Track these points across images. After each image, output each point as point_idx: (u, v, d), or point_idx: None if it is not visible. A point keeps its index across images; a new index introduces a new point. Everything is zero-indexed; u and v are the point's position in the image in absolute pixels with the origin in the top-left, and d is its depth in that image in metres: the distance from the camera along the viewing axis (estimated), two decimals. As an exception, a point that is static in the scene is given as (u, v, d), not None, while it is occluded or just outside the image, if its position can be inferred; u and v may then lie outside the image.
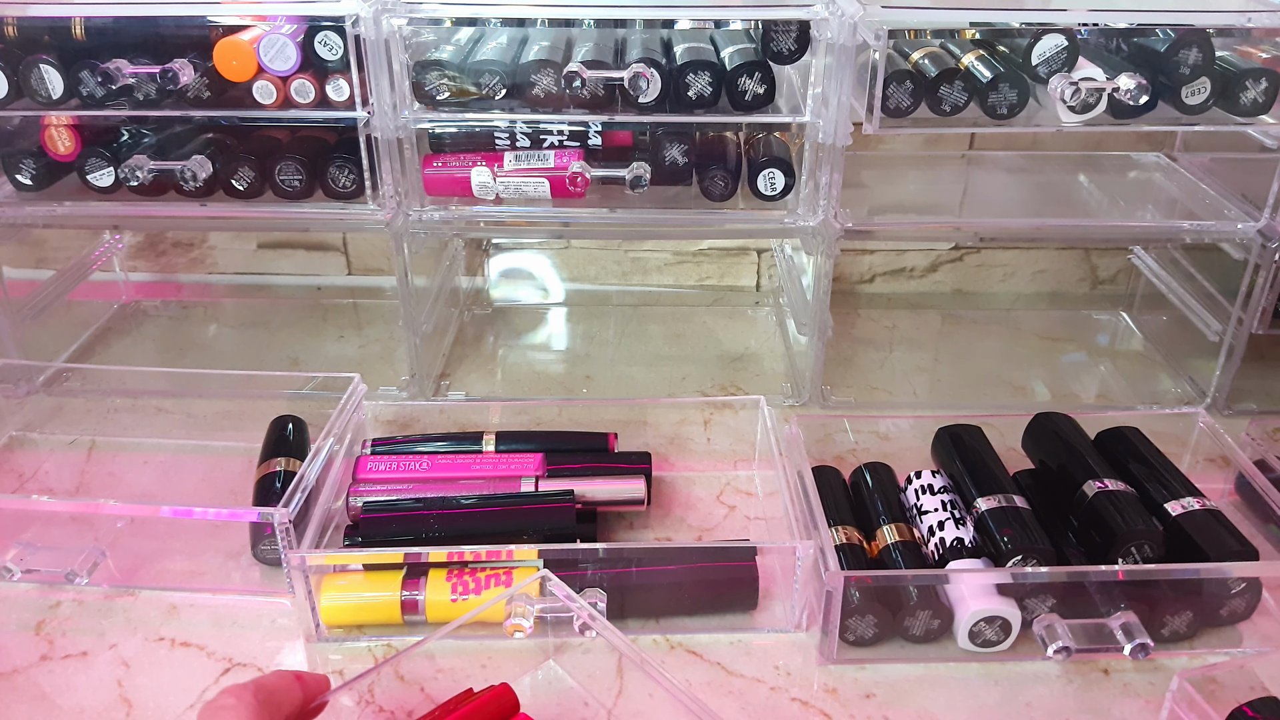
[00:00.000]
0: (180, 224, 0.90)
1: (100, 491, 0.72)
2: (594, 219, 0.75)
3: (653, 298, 1.01)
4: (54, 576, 0.62)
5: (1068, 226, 0.81)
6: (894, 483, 0.67)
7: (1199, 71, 0.67)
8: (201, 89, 0.69)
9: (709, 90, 0.69)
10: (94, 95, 0.69)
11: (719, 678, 0.56)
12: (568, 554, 0.58)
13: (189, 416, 0.80)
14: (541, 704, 0.55)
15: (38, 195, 0.76)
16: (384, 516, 0.63)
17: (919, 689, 0.56)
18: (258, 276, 1.02)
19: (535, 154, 0.73)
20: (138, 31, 0.70)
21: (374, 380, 0.82)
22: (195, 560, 0.64)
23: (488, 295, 1.01)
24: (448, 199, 0.75)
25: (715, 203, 0.74)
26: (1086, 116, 0.68)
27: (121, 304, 0.98)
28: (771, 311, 0.98)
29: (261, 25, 0.68)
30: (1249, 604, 0.59)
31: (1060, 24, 0.66)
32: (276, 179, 0.73)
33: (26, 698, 0.55)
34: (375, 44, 0.67)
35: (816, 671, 0.57)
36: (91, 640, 0.59)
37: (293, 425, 0.72)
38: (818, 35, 0.68)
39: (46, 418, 0.80)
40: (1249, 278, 0.75)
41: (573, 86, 0.67)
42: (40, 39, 0.70)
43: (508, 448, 0.70)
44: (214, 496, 0.71)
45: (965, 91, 0.68)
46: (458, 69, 0.70)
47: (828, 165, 0.71)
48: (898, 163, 0.93)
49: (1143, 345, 0.93)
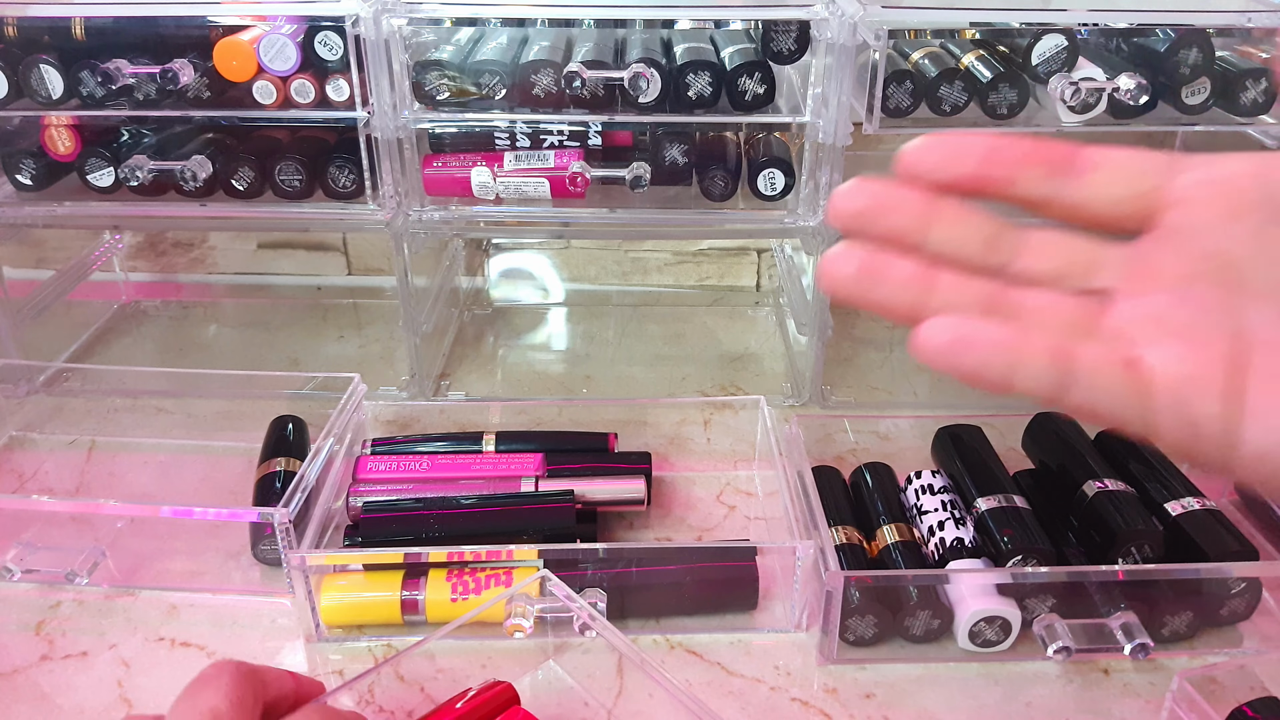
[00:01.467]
0: (180, 224, 0.90)
1: (100, 491, 0.72)
2: (594, 219, 0.75)
3: (653, 298, 1.01)
4: (54, 576, 0.62)
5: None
6: (894, 483, 0.67)
7: (1199, 71, 0.67)
8: (201, 89, 0.69)
9: (709, 90, 0.69)
10: (94, 95, 0.69)
11: (719, 678, 0.56)
12: (568, 554, 0.58)
13: (189, 416, 0.80)
14: (541, 704, 0.55)
15: (38, 195, 0.76)
16: (384, 516, 0.63)
17: (919, 689, 0.56)
18: (258, 276, 1.02)
19: (535, 154, 0.73)
20: (138, 31, 0.70)
21: (374, 380, 0.82)
22: (195, 560, 0.64)
23: (488, 295, 1.01)
24: (448, 199, 0.75)
25: (715, 203, 0.74)
26: (1086, 116, 0.68)
27: (121, 304, 0.98)
28: (771, 311, 0.98)
29: (261, 25, 0.68)
30: (1249, 604, 0.59)
31: (1060, 24, 0.66)
32: (276, 179, 0.73)
33: (27, 698, 0.55)
34: (375, 44, 0.67)
35: (816, 671, 0.57)
36: (91, 640, 0.59)
37: (293, 425, 0.72)
38: (818, 35, 0.68)
39: (46, 418, 0.80)
40: (1249, 278, 0.75)
41: (573, 86, 0.67)
42: (40, 39, 0.70)
43: (508, 448, 0.70)
44: (214, 496, 0.71)
45: (965, 91, 0.68)
46: (458, 69, 0.70)
47: (828, 165, 0.71)
48: (898, 163, 0.93)
49: (1143, 345, 0.93)
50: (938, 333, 0.28)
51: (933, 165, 0.30)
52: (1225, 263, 0.28)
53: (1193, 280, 0.28)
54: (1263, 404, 0.26)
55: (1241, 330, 0.27)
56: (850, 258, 0.30)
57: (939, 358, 0.28)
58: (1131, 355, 0.28)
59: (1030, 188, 0.30)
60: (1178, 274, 0.29)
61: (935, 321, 0.28)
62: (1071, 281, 0.30)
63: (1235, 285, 0.28)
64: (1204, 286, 0.28)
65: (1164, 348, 0.27)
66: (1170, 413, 0.27)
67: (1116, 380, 0.28)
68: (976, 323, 0.28)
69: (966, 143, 0.30)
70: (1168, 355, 0.27)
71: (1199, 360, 0.27)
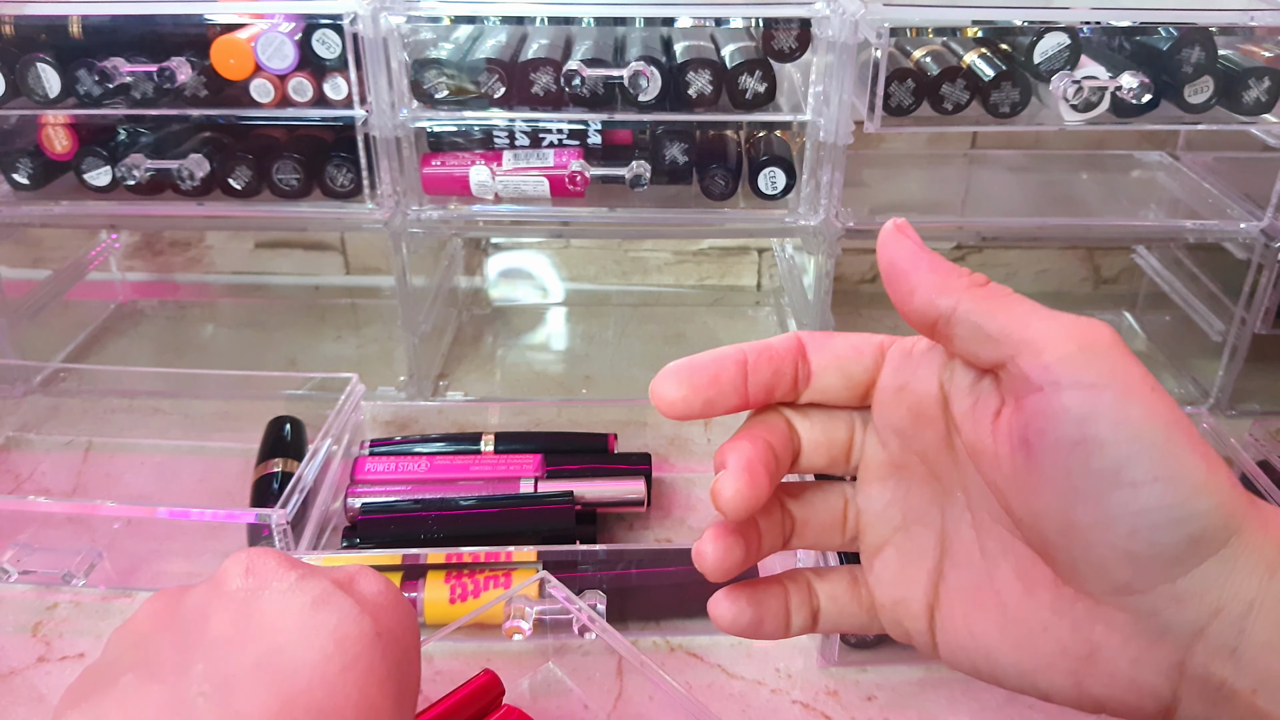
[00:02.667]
0: (177, 223, 0.89)
1: (97, 492, 0.71)
2: (593, 218, 0.74)
3: (653, 297, 1.01)
4: (51, 578, 0.62)
5: (1070, 226, 0.80)
6: (895, 483, 0.67)
7: (1202, 70, 0.67)
8: (199, 87, 0.69)
9: (709, 88, 0.68)
10: (91, 94, 0.69)
11: (719, 680, 0.56)
12: (567, 555, 0.58)
13: (186, 417, 0.80)
14: (541, 706, 0.54)
15: (34, 194, 0.75)
16: (382, 518, 0.63)
17: (921, 691, 0.55)
18: (255, 276, 1.02)
19: (534, 153, 0.73)
20: (135, 30, 0.69)
21: (372, 381, 0.82)
22: (193, 561, 0.64)
23: (486, 295, 1.00)
24: (446, 198, 0.74)
25: (715, 202, 0.74)
26: (1089, 115, 0.68)
27: (118, 304, 0.98)
28: (772, 311, 0.98)
29: (259, 23, 0.68)
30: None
31: (1063, 22, 0.66)
32: (274, 178, 0.73)
33: (24, 700, 0.55)
34: (373, 42, 0.67)
35: (818, 674, 0.57)
36: (89, 642, 0.58)
37: (290, 426, 0.72)
38: (819, 33, 0.68)
39: (43, 418, 0.79)
40: (1252, 278, 0.75)
41: (572, 85, 0.67)
42: (37, 37, 0.70)
43: (507, 448, 0.70)
44: (211, 498, 0.71)
45: (967, 90, 0.68)
46: (456, 67, 0.69)
47: (829, 164, 0.71)
48: (899, 161, 0.92)
49: (1146, 345, 0.93)
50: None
51: (699, 411, 0.33)
52: (928, 459, 0.34)
53: (908, 473, 0.35)
54: (947, 624, 0.33)
55: (942, 534, 0.34)
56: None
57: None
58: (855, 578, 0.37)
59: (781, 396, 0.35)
60: (896, 465, 0.35)
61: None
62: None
63: (937, 480, 0.34)
64: (917, 481, 0.35)
65: (882, 565, 0.35)
66: (892, 628, 0.35)
67: (854, 606, 0.37)
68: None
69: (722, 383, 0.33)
70: (883, 576, 0.35)
71: (909, 582, 0.34)
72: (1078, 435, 0.27)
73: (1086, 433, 0.27)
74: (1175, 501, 0.27)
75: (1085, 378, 0.28)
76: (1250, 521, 0.28)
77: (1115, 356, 0.28)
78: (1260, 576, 0.27)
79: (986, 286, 0.31)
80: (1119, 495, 0.27)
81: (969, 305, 0.30)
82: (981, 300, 0.30)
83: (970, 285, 0.31)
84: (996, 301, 0.30)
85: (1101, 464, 0.27)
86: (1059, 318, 0.29)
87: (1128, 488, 0.27)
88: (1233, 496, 0.28)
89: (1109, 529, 0.28)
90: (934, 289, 0.31)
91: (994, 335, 0.29)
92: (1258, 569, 0.27)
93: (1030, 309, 0.29)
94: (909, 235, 0.32)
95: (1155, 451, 0.27)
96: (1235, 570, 0.27)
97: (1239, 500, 0.28)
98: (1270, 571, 0.27)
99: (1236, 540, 0.28)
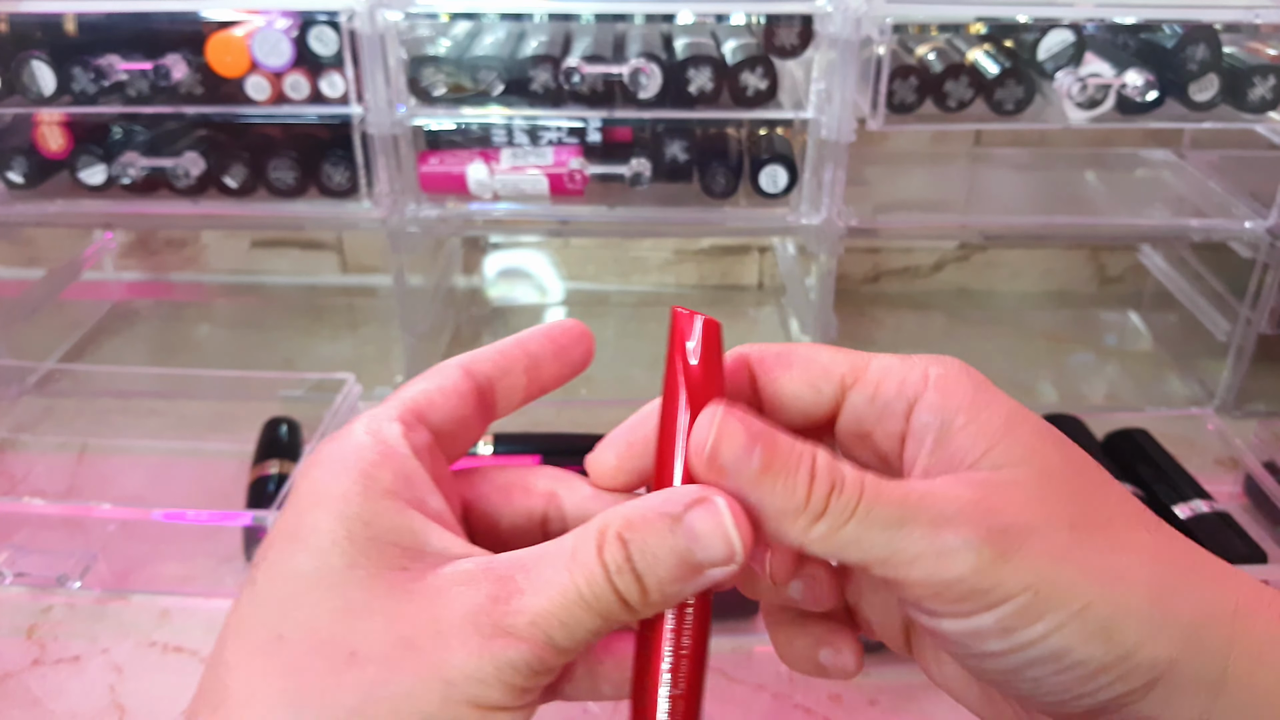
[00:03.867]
0: (172, 222, 0.89)
1: (92, 494, 0.71)
2: (593, 216, 0.74)
3: (653, 297, 1.00)
4: (45, 580, 0.61)
5: (1075, 224, 0.80)
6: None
7: (1207, 68, 0.66)
8: (194, 85, 0.69)
9: (710, 86, 0.68)
10: (86, 92, 0.68)
11: (721, 685, 0.56)
12: (567, 558, 0.57)
13: (181, 418, 0.79)
14: (543, 710, 0.54)
15: (29, 193, 0.75)
16: (380, 520, 0.62)
17: (923, 695, 0.55)
18: (251, 276, 1.01)
19: (533, 151, 0.72)
20: (130, 27, 0.69)
21: (369, 381, 0.81)
22: (188, 564, 0.63)
23: (485, 294, 1.00)
24: (444, 196, 0.74)
25: (716, 200, 0.73)
26: (1094, 113, 0.67)
27: (113, 304, 0.97)
28: (774, 311, 0.97)
29: (255, 20, 0.67)
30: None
31: (1067, 19, 0.66)
32: (270, 176, 0.72)
33: (18, 703, 0.54)
34: (370, 39, 0.66)
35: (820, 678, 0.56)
36: (83, 645, 0.58)
37: (286, 427, 0.71)
38: (821, 29, 0.67)
39: (37, 419, 0.79)
40: (1257, 277, 0.74)
41: (571, 82, 0.67)
42: (32, 35, 0.69)
43: (506, 449, 0.69)
44: (207, 500, 0.70)
45: (971, 87, 0.67)
46: (454, 64, 0.69)
47: (831, 162, 0.70)
48: (902, 159, 0.92)
49: (1151, 345, 0.93)
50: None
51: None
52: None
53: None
54: (920, 659, 0.33)
55: None
56: None
57: None
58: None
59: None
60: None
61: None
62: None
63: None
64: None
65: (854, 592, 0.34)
66: (882, 637, 0.34)
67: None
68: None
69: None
70: (862, 600, 0.34)
71: (885, 611, 0.34)
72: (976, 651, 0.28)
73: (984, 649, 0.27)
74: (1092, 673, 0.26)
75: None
76: (1189, 648, 0.26)
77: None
78: (1203, 700, 0.26)
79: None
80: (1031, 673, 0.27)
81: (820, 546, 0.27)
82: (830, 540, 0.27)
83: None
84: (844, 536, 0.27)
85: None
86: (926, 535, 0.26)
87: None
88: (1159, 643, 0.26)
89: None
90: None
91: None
92: (1200, 694, 0.26)
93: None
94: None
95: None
96: (1171, 701, 0.27)
97: (1164, 643, 0.26)
98: (1213, 694, 0.26)
99: (1168, 672, 0.26)
